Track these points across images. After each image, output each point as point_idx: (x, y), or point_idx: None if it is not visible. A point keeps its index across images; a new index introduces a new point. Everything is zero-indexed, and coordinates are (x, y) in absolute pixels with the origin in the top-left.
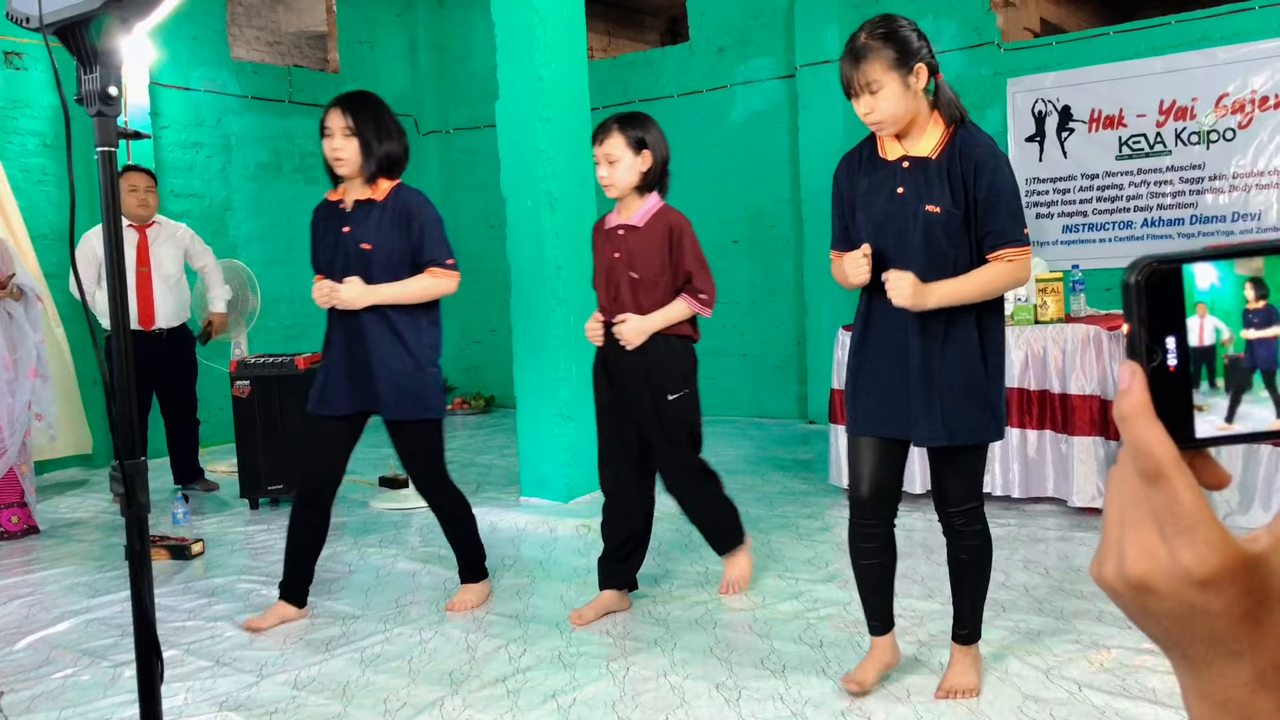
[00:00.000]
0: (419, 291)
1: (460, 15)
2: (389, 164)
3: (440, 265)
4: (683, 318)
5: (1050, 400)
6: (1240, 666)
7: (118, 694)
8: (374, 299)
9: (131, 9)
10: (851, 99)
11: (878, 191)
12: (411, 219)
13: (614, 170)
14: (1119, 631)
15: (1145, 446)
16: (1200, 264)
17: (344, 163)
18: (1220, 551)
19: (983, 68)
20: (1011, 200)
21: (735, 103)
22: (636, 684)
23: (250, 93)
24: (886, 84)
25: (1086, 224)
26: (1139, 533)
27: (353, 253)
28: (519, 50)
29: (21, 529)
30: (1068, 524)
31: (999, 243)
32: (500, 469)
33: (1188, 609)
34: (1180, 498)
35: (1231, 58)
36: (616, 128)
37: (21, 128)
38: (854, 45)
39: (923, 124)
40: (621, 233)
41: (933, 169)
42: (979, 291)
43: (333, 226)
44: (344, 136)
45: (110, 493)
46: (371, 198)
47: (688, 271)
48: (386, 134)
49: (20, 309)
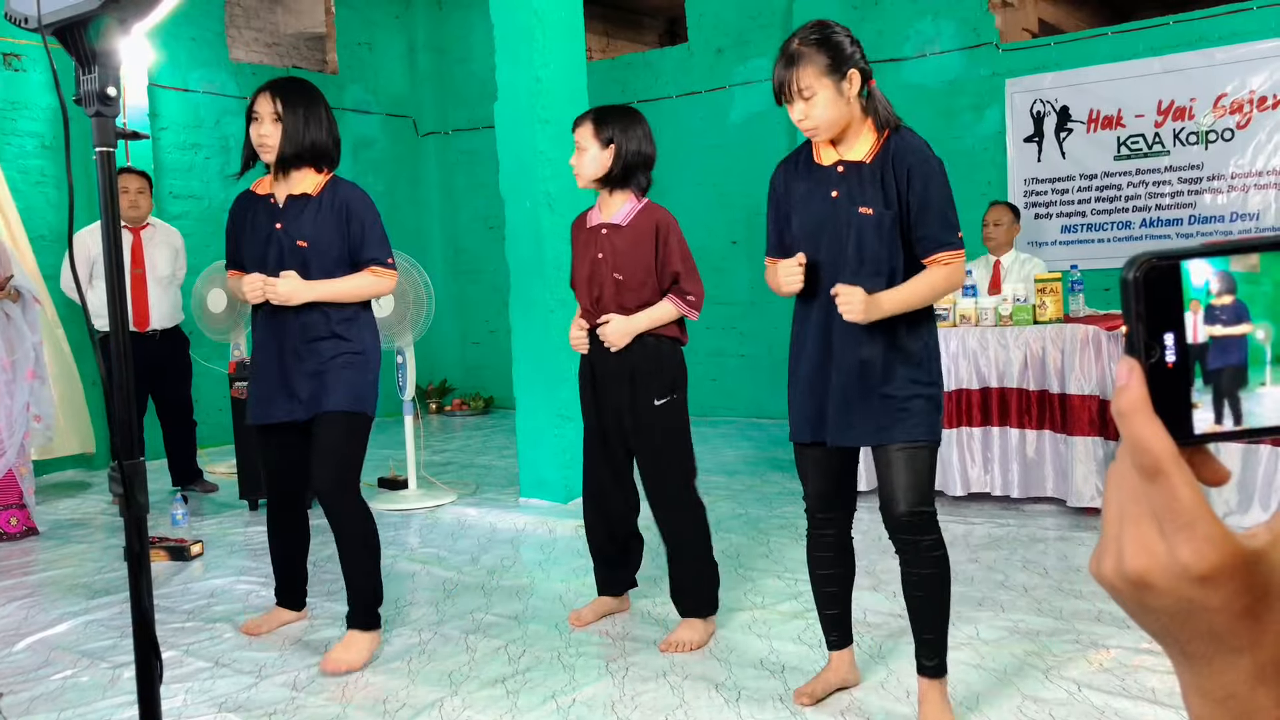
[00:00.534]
0: (359, 289)
1: (459, 17)
2: (314, 155)
3: (381, 264)
4: (669, 319)
5: (1049, 400)
6: (1240, 663)
7: (117, 695)
8: (312, 295)
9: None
10: (785, 105)
11: (813, 196)
12: (351, 216)
13: (580, 159)
14: (1118, 631)
15: (1144, 443)
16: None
17: (270, 149)
18: (1219, 548)
19: (981, 68)
20: (944, 204)
21: (734, 103)
22: (636, 684)
23: (249, 94)
24: (819, 90)
25: (1085, 224)
26: (1138, 529)
27: (287, 249)
28: (518, 51)
29: (20, 530)
30: (1067, 524)
31: (934, 247)
32: (499, 470)
33: (1186, 605)
34: (1179, 494)
35: (1230, 58)
36: (590, 119)
37: (20, 129)
38: (787, 51)
39: (856, 129)
40: (605, 232)
41: (866, 172)
42: (923, 298)
43: (261, 222)
44: (272, 122)
45: (109, 493)
46: (305, 192)
47: (675, 272)
48: (316, 123)
49: (18, 310)
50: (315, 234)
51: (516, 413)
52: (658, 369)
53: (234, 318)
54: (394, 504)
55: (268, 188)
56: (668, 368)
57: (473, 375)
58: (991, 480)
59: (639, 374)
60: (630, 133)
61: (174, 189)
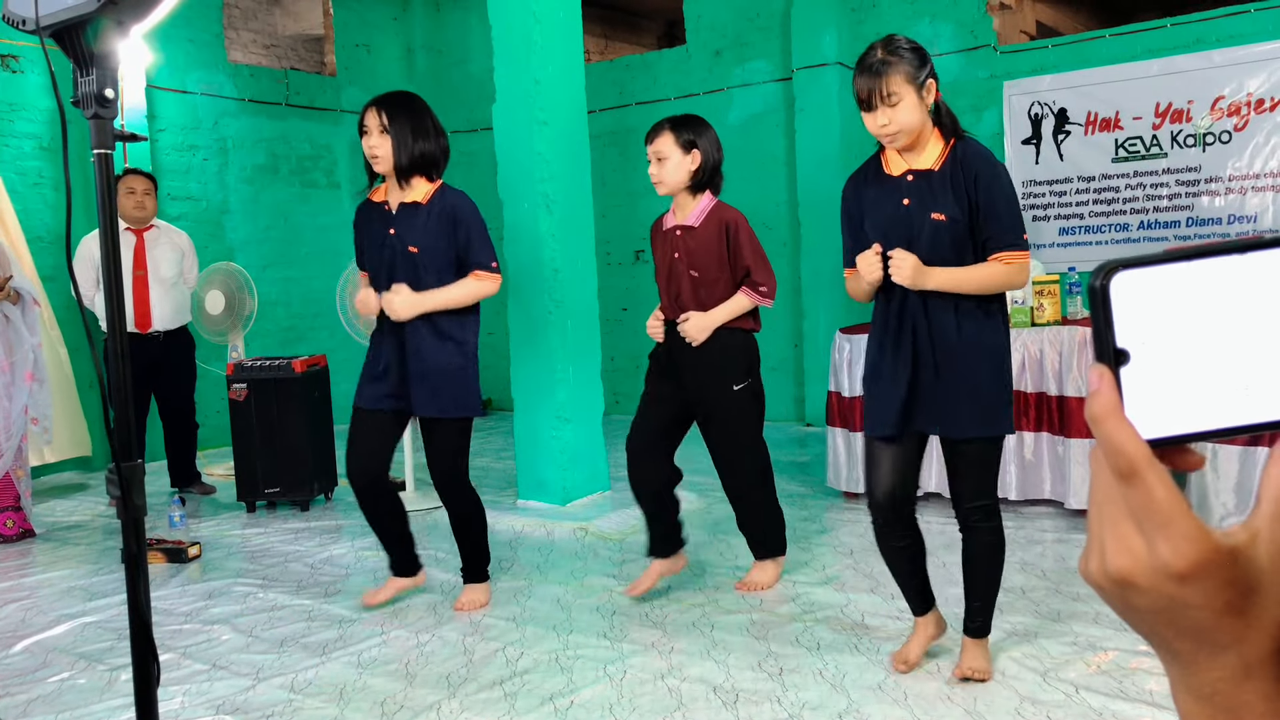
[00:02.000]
0: (464, 296)
1: (457, 18)
2: (424, 164)
3: (485, 268)
4: (744, 311)
5: (1047, 402)
6: (1226, 660)
7: (114, 698)
8: (423, 308)
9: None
10: (867, 113)
11: (884, 204)
12: (458, 222)
13: (662, 168)
14: (1115, 633)
15: (1118, 446)
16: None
17: (380, 160)
18: (1196, 545)
19: (979, 70)
20: (1010, 206)
21: (732, 105)
22: (634, 686)
23: (247, 95)
24: (905, 96)
25: (1083, 226)
26: (1117, 529)
27: (400, 255)
28: (516, 53)
29: (17, 533)
30: (1065, 526)
31: (998, 246)
32: (497, 472)
33: (1168, 603)
34: (1154, 494)
35: (1227, 60)
36: (668, 127)
37: (17, 130)
38: (871, 60)
39: (925, 139)
40: (679, 233)
41: (936, 180)
42: (976, 284)
43: (377, 228)
44: (380, 134)
45: (107, 495)
46: (416, 200)
47: (746, 266)
48: (423, 133)
49: (17, 312)
50: (425, 240)
51: (515, 415)
52: (735, 357)
53: (232, 319)
54: None
55: (383, 195)
56: (744, 355)
57: None
58: None
59: (717, 364)
60: (709, 136)
61: (172, 190)
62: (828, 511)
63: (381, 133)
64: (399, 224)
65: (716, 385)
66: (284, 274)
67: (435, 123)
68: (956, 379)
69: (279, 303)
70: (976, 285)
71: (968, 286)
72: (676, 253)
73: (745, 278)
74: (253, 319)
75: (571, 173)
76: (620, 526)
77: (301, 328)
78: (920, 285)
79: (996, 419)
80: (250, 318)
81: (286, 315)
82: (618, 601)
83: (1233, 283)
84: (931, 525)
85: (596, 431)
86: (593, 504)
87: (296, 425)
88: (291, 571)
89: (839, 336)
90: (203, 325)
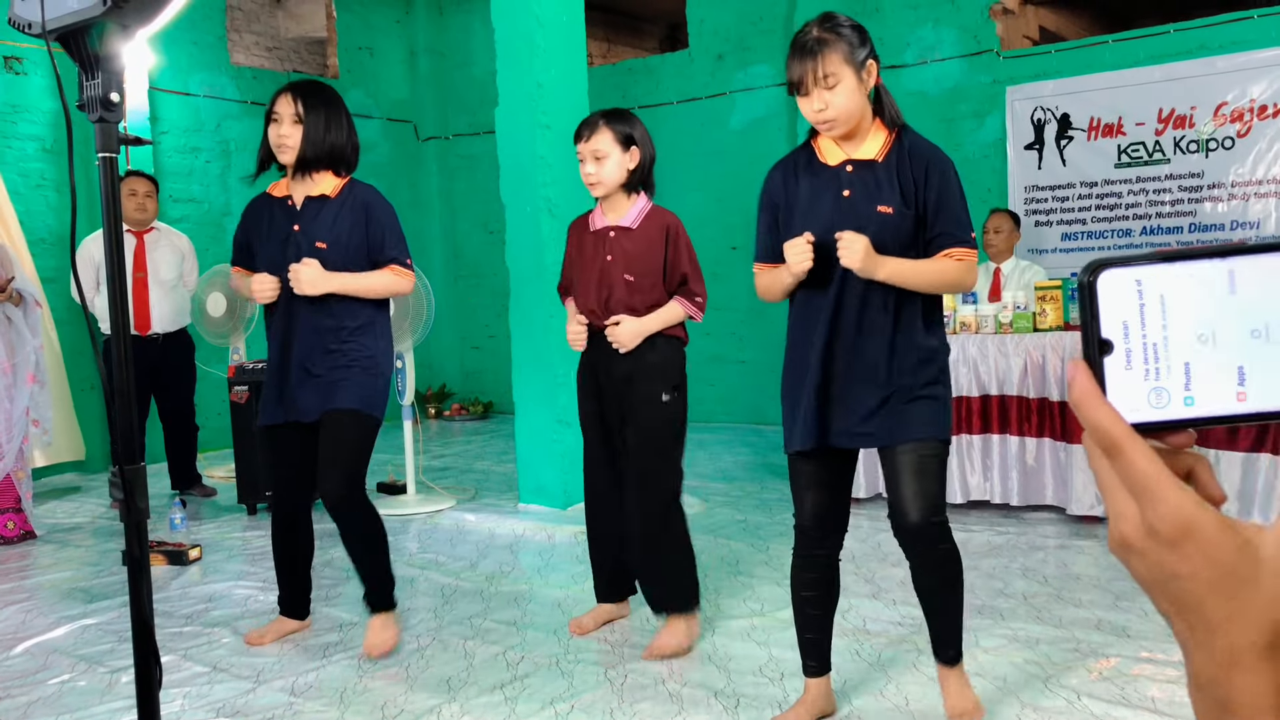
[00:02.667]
0: (379, 286)
1: (460, 21)
2: (333, 158)
3: (400, 264)
4: (677, 321)
5: (1049, 408)
6: (1217, 643)
7: (114, 700)
8: (334, 285)
9: (133, 16)
10: (801, 97)
11: (820, 196)
12: (370, 217)
13: (601, 167)
14: (1118, 640)
15: (1097, 424)
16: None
17: (289, 150)
18: (1179, 511)
19: (982, 75)
20: (961, 202)
21: (734, 109)
22: (634, 691)
23: (249, 98)
24: (843, 77)
25: (1085, 232)
26: (1114, 498)
27: (306, 251)
28: (519, 56)
29: (18, 534)
30: (1067, 532)
31: (948, 243)
32: (498, 475)
33: (1160, 570)
34: (1137, 465)
35: (1230, 66)
36: (604, 123)
37: (21, 133)
38: (805, 40)
39: (865, 128)
40: (613, 234)
41: (880, 171)
42: (927, 280)
43: (279, 224)
44: (292, 123)
45: (107, 498)
46: (324, 194)
47: (683, 273)
48: (337, 126)
49: (19, 314)
50: (334, 235)
51: (516, 418)
52: (664, 367)
53: (233, 321)
54: (393, 509)
55: (285, 190)
56: (673, 366)
57: (472, 380)
58: (991, 488)
59: (646, 372)
60: (642, 131)
61: (174, 193)
62: None
63: (295, 122)
64: (304, 219)
65: (643, 393)
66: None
67: (349, 117)
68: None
69: None
70: (927, 280)
71: (917, 280)
72: (610, 254)
73: (681, 286)
74: (255, 321)
75: (574, 176)
76: None
77: None
78: (870, 273)
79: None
80: (252, 320)
81: None
82: None
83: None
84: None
85: None
86: None
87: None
88: None
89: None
90: (205, 328)
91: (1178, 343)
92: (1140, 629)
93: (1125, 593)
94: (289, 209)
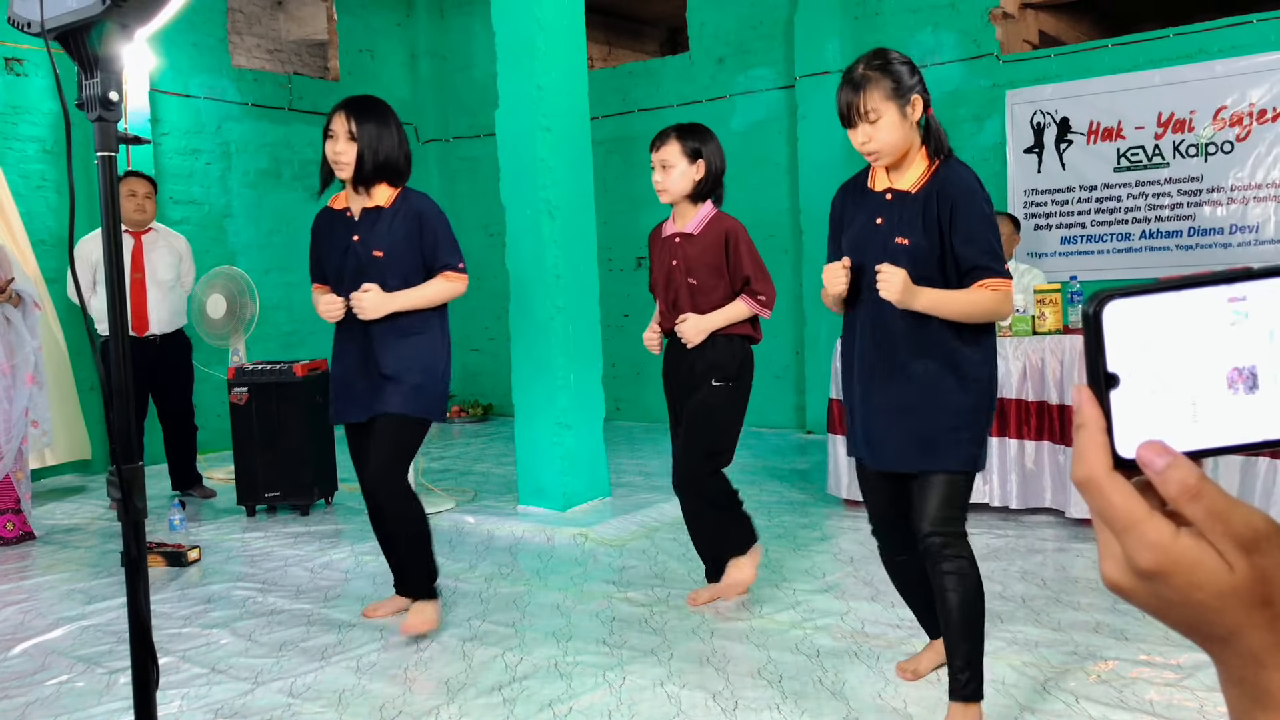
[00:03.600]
0: (434, 295)
1: (461, 24)
2: (388, 171)
3: (453, 269)
4: (741, 318)
5: (1048, 411)
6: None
7: (113, 701)
8: (394, 306)
9: (132, 15)
10: (849, 129)
11: (858, 219)
12: (424, 225)
13: (668, 176)
14: (1116, 643)
15: (1080, 455)
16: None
17: (344, 166)
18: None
19: (981, 79)
20: (993, 234)
21: (735, 113)
22: (633, 693)
23: (250, 100)
24: (885, 113)
25: (1085, 235)
26: (1102, 535)
27: (365, 261)
28: (519, 59)
29: (17, 535)
30: (1065, 535)
31: (982, 274)
32: (498, 477)
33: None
34: (1112, 500)
35: (1230, 71)
36: (674, 135)
37: (21, 133)
38: (852, 76)
39: (911, 157)
40: (678, 240)
41: (909, 203)
42: (962, 309)
43: (340, 235)
44: (346, 140)
45: (106, 498)
46: (379, 205)
47: (746, 275)
48: (389, 141)
49: (19, 315)
50: (390, 244)
51: (515, 420)
52: (726, 359)
53: (233, 323)
54: None
55: (344, 202)
56: (735, 358)
57: (472, 382)
58: (990, 491)
59: (709, 365)
60: (714, 146)
61: (174, 194)
62: (828, 519)
63: (349, 139)
64: (362, 230)
65: (698, 382)
66: (286, 278)
67: (400, 129)
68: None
69: (280, 307)
70: (963, 310)
71: (953, 310)
72: (675, 260)
73: (744, 286)
74: (254, 323)
75: (574, 179)
76: (620, 533)
77: (303, 332)
78: (908, 304)
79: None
80: (252, 322)
81: (288, 320)
82: (617, 608)
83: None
84: None
85: (597, 437)
86: (593, 510)
87: (297, 429)
88: (291, 576)
89: (840, 345)
90: (204, 329)
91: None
92: (1139, 632)
93: None
94: (348, 220)
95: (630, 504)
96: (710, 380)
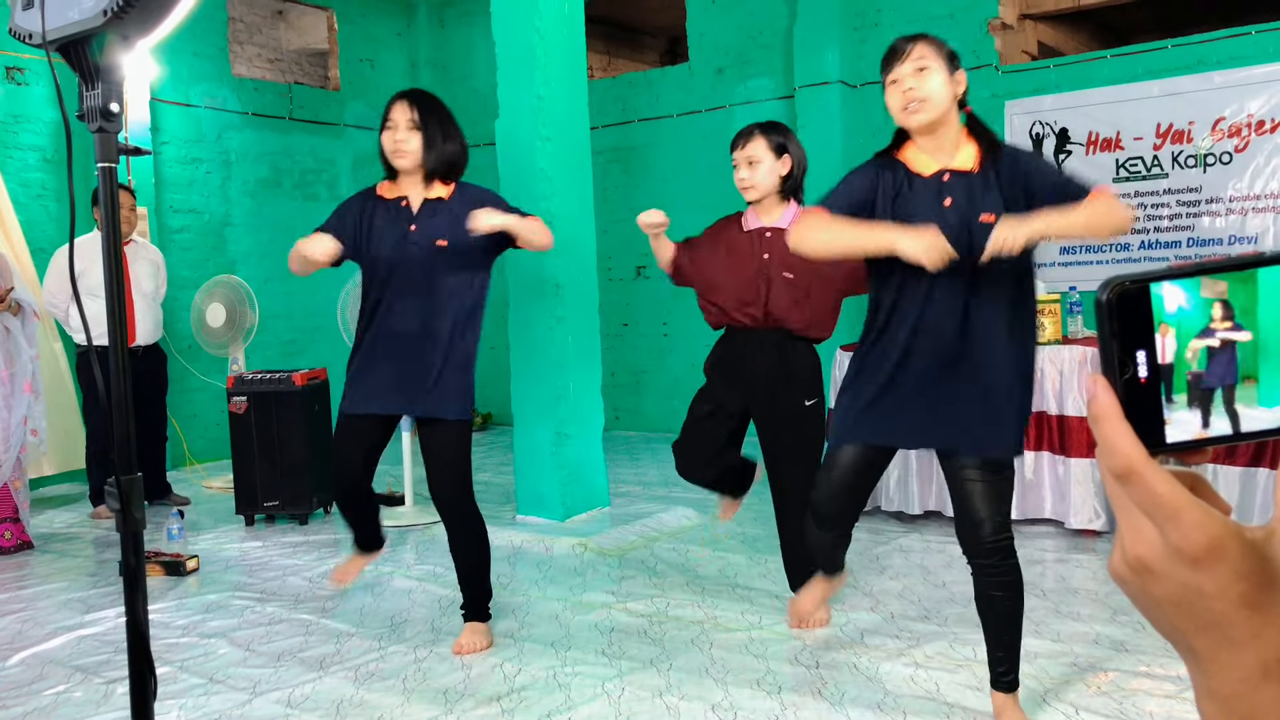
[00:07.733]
0: (536, 226)
1: (461, 34)
2: (448, 166)
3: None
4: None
5: (1047, 422)
6: (1244, 659)
7: (110, 711)
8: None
9: (134, 26)
10: (890, 85)
11: (917, 204)
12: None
13: (754, 172)
14: (1116, 654)
15: (1114, 446)
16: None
17: (405, 155)
18: (1206, 530)
19: (981, 90)
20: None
21: (734, 123)
22: (632, 704)
23: (251, 109)
24: (935, 68)
25: (1084, 245)
26: (1130, 519)
27: (426, 249)
28: (519, 69)
29: (15, 544)
30: (1065, 546)
31: (1081, 194)
32: (497, 487)
33: (1184, 591)
34: (1156, 489)
35: (1228, 82)
36: (759, 132)
37: (22, 143)
38: (899, 39)
39: (956, 139)
40: (769, 235)
41: (977, 180)
42: (1084, 224)
43: (392, 224)
44: (408, 129)
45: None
46: (439, 196)
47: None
48: (450, 134)
49: (17, 324)
50: (455, 233)
51: (514, 429)
52: (804, 372)
53: (233, 332)
54: (390, 520)
55: (395, 191)
56: (813, 370)
57: None
58: None
59: (788, 377)
60: (796, 142)
61: (175, 204)
62: None
63: (411, 128)
64: (421, 220)
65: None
66: (285, 287)
67: (457, 126)
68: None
69: (280, 316)
70: (1084, 224)
71: (1071, 226)
72: (767, 253)
73: None
74: (254, 332)
75: (574, 188)
76: (619, 543)
77: (302, 341)
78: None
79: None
80: (251, 330)
81: (288, 328)
82: (616, 618)
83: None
84: (930, 544)
85: (596, 447)
86: (592, 520)
87: (296, 439)
88: (289, 585)
89: (839, 354)
90: (204, 338)
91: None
92: (1138, 643)
93: (1123, 607)
94: (404, 210)
95: (629, 514)
96: (803, 401)
